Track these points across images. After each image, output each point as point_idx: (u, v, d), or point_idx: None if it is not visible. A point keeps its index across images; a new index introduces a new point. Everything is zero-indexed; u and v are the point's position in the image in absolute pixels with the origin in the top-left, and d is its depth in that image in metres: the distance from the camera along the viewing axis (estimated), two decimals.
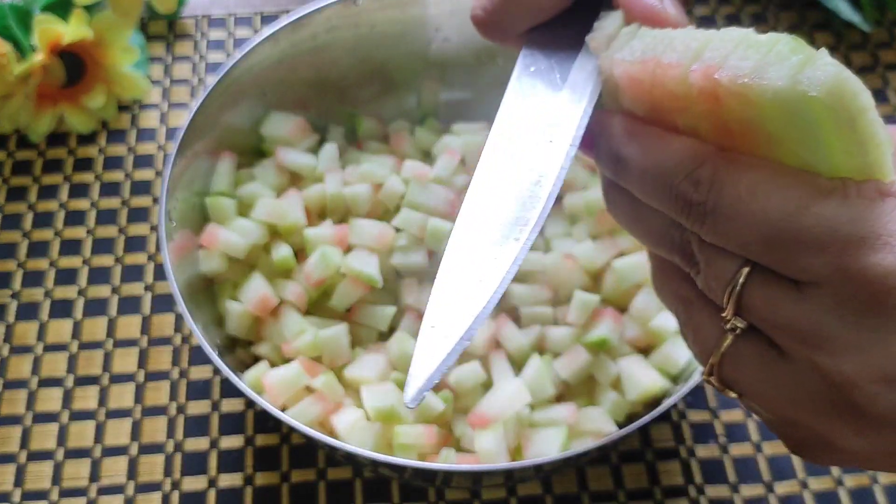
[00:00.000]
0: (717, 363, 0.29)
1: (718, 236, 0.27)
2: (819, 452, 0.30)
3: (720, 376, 0.29)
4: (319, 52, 0.63)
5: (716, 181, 0.27)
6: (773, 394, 0.28)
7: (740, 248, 0.27)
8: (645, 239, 0.32)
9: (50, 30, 0.65)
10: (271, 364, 0.55)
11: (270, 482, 0.57)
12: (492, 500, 0.56)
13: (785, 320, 0.27)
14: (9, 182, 0.70)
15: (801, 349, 0.27)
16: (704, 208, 0.27)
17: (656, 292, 0.34)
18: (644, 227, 0.31)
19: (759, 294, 0.27)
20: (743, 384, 0.29)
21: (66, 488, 0.56)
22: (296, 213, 0.58)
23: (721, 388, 0.30)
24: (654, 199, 0.30)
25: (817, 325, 0.26)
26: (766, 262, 0.27)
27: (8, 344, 0.62)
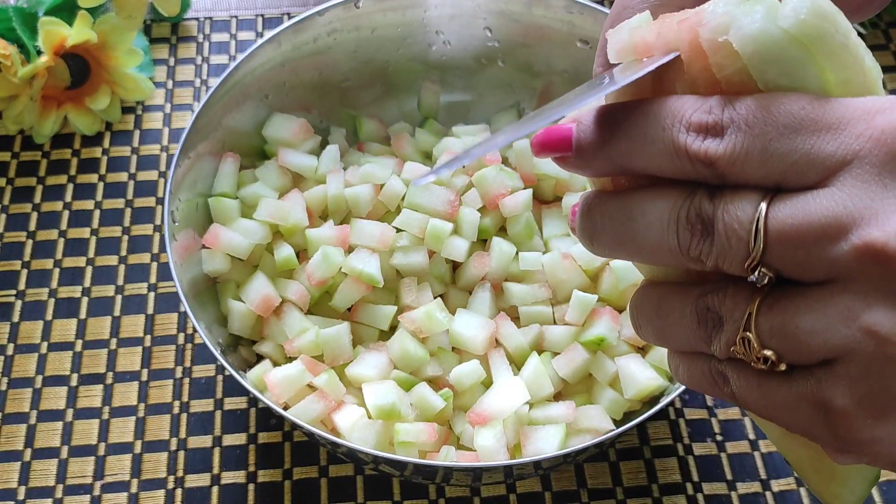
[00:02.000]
0: (754, 312, 0.27)
1: (740, 154, 0.26)
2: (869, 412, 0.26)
3: (758, 332, 0.27)
4: (321, 55, 0.64)
5: (728, 103, 0.27)
6: (814, 329, 0.26)
7: (765, 155, 0.26)
8: (645, 239, 0.29)
9: (54, 32, 0.66)
10: (274, 363, 0.55)
11: (273, 479, 0.57)
12: (491, 497, 0.57)
13: (818, 222, 0.26)
14: (14, 183, 0.70)
15: (839, 248, 0.25)
16: (721, 126, 0.27)
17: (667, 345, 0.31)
18: (643, 225, 0.29)
19: (786, 213, 0.26)
20: (782, 333, 0.27)
21: (70, 485, 0.57)
22: (298, 214, 0.58)
23: (758, 347, 0.27)
24: (663, 149, 0.28)
25: (855, 205, 0.25)
26: (791, 162, 0.26)
27: (13, 343, 0.62)
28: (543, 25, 0.64)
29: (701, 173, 0.28)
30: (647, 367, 0.53)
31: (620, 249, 0.31)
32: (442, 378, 0.55)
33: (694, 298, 0.29)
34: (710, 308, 0.29)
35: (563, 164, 0.31)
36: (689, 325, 0.29)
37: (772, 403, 0.28)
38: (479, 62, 0.68)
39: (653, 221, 0.29)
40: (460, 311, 0.56)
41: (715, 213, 0.27)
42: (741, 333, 0.28)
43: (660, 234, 0.29)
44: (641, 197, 0.29)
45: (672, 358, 0.32)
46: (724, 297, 0.28)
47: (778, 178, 0.27)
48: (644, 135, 0.28)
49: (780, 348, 0.27)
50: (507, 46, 0.66)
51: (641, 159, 0.29)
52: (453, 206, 0.58)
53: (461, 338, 0.55)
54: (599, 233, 0.31)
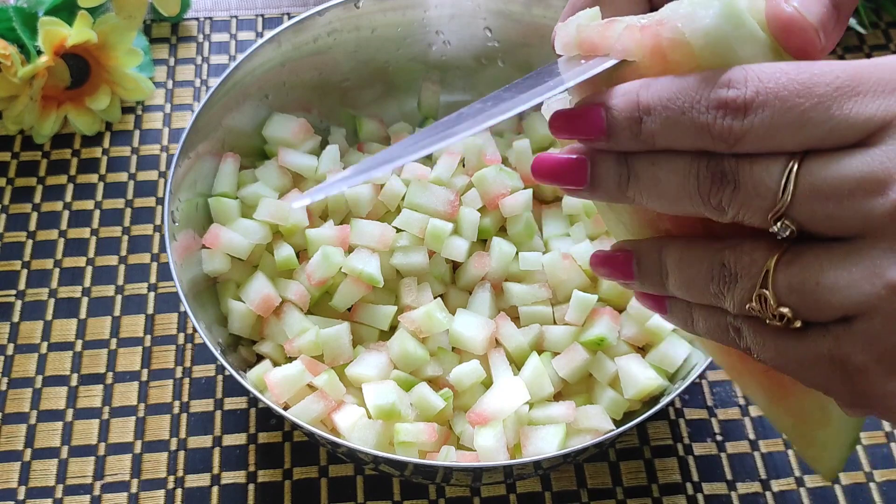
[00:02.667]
0: (772, 269, 0.27)
1: (769, 128, 0.26)
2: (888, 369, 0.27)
3: (775, 288, 0.28)
4: (321, 55, 0.64)
5: (750, 75, 0.27)
6: (836, 286, 0.26)
7: (797, 127, 0.26)
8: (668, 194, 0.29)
9: (54, 32, 0.66)
10: (274, 363, 0.55)
11: (273, 479, 0.57)
12: (491, 497, 0.57)
13: (854, 178, 0.26)
14: (14, 183, 0.70)
15: (874, 203, 0.26)
16: (744, 101, 0.27)
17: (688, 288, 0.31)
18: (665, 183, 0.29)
19: (820, 168, 0.26)
20: (801, 290, 0.27)
21: (70, 485, 0.57)
22: (298, 214, 0.58)
23: (775, 304, 0.28)
24: (684, 127, 0.28)
25: (893, 163, 0.25)
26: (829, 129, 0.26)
27: (13, 343, 0.63)
28: (543, 25, 0.64)
29: (728, 148, 0.27)
30: (646, 367, 0.53)
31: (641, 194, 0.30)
32: (442, 378, 0.55)
33: (711, 253, 0.30)
34: (726, 264, 0.29)
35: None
36: (706, 279, 0.30)
37: (788, 359, 0.29)
38: (479, 62, 0.68)
39: (675, 170, 0.29)
40: (460, 311, 0.56)
41: (739, 167, 0.27)
42: (758, 290, 0.28)
43: (680, 181, 0.29)
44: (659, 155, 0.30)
45: (693, 310, 0.32)
46: (741, 253, 0.29)
47: (815, 143, 0.27)
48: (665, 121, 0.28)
49: (797, 305, 0.27)
50: (507, 46, 0.66)
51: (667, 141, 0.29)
52: (453, 207, 0.58)
53: (461, 338, 0.55)
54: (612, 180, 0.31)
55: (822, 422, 0.34)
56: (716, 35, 0.27)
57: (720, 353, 0.36)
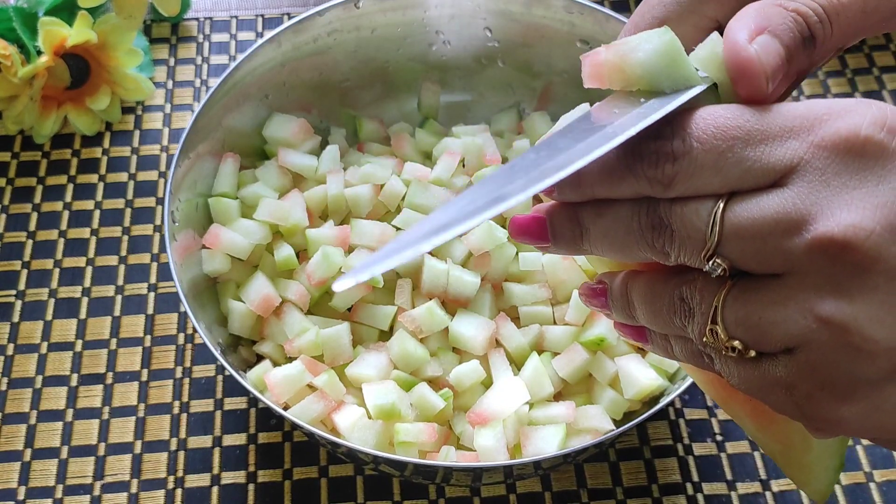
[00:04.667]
0: (719, 306, 0.29)
1: (696, 168, 0.28)
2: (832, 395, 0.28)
3: (724, 324, 0.29)
4: (321, 55, 0.64)
5: (679, 129, 0.29)
6: (775, 320, 0.28)
7: (716, 169, 0.28)
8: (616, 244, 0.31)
9: (54, 32, 0.66)
10: (274, 363, 0.56)
11: (273, 479, 0.57)
12: (491, 497, 0.57)
13: (771, 218, 0.27)
14: (14, 183, 0.70)
15: (792, 242, 0.27)
16: (682, 150, 0.29)
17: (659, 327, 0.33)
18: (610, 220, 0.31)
19: (741, 208, 0.28)
20: (746, 324, 0.29)
21: (70, 485, 0.57)
22: (298, 214, 0.58)
23: (725, 338, 0.29)
24: (622, 179, 0.30)
25: (804, 203, 0.27)
26: (744, 169, 0.28)
27: (13, 343, 0.63)
28: (543, 25, 0.64)
29: (660, 192, 0.29)
30: (646, 368, 0.53)
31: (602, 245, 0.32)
32: (442, 378, 0.55)
33: (671, 288, 0.31)
34: (684, 299, 0.31)
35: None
36: (669, 313, 0.31)
37: (751, 385, 0.30)
38: (479, 62, 0.68)
39: (617, 219, 0.31)
40: (460, 312, 0.56)
41: (672, 211, 0.29)
42: (709, 325, 0.30)
43: (626, 231, 0.31)
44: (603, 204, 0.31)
45: (668, 338, 0.34)
46: (694, 289, 0.30)
47: (734, 184, 0.28)
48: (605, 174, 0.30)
49: (745, 338, 0.29)
50: (507, 46, 0.66)
51: (604, 189, 0.31)
52: None
53: (461, 338, 0.55)
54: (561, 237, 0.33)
55: (805, 447, 0.36)
56: (648, 68, 0.30)
57: (707, 383, 0.38)
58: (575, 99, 0.49)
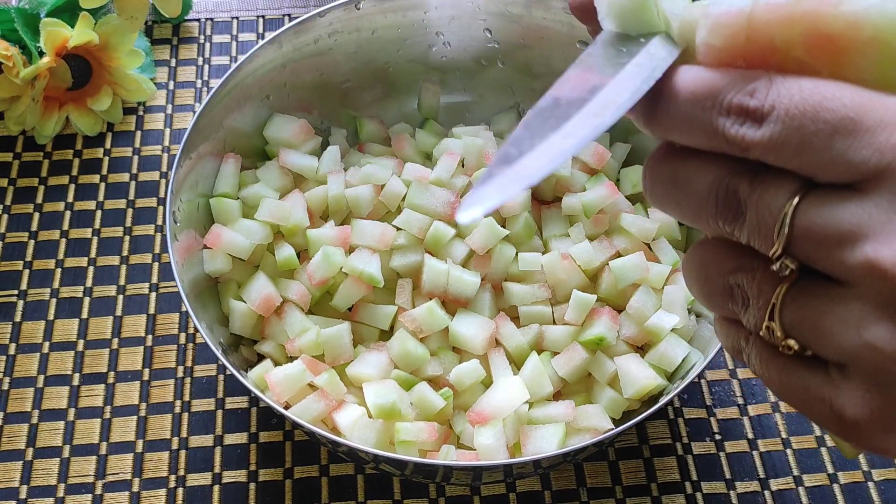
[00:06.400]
0: (778, 303, 0.27)
1: (776, 144, 0.26)
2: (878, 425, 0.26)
3: (781, 321, 0.27)
4: (322, 56, 0.64)
5: (773, 86, 0.26)
6: (830, 331, 0.26)
7: (800, 149, 0.26)
8: (687, 207, 0.30)
9: (56, 33, 0.66)
10: (275, 362, 0.56)
11: (274, 478, 0.57)
12: (491, 496, 0.57)
13: (846, 228, 0.25)
14: (16, 183, 0.71)
15: (855, 256, 0.25)
16: (762, 112, 0.26)
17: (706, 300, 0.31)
18: (686, 194, 0.29)
19: (814, 211, 0.26)
20: (802, 327, 0.27)
21: (72, 484, 0.57)
22: (299, 214, 0.59)
23: (782, 336, 0.28)
24: (701, 129, 0.28)
25: (881, 218, 0.25)
26: (827, 160, 0.26)
27: (15, 343, 0.63)
28: (543, 27, 0.64)
29: (740, 154, 0.27)
30: (645, 367, 0.53)
31: (670, 212, 0.31)
32: (442, 377, 0.55)
33: (727, 272, 0.29)
34: (740, 285, 0.29)
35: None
36: (723, 296, 0.30)
37: (789, 390, 0.28)
38: (479, 63, 0.68)
39: (694, 192, 0.29)
40: (460, 311, 0.56)
41: (750, 196, 0.27)
42: (766, 322, 0.28)
43: (699, 205, 0.29)
44: (688, 166, 0.29)
45: (715, 321, 0.32)
46: (753, 279, 0.28)
47: (812, 170, 0.26)
48: (684, 114, 0.28)
49: (802, 340, 0.27)
50: (507, 48, 0.66)
51: (683, 136, 0.29)
52: (453, 208, 0.58)
53: (461, 337, 0.55)
54: (652, 194, 0.31)
55: None
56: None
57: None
58: None
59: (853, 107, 0.26)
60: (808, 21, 0.26)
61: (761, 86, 0.26)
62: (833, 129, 0.25)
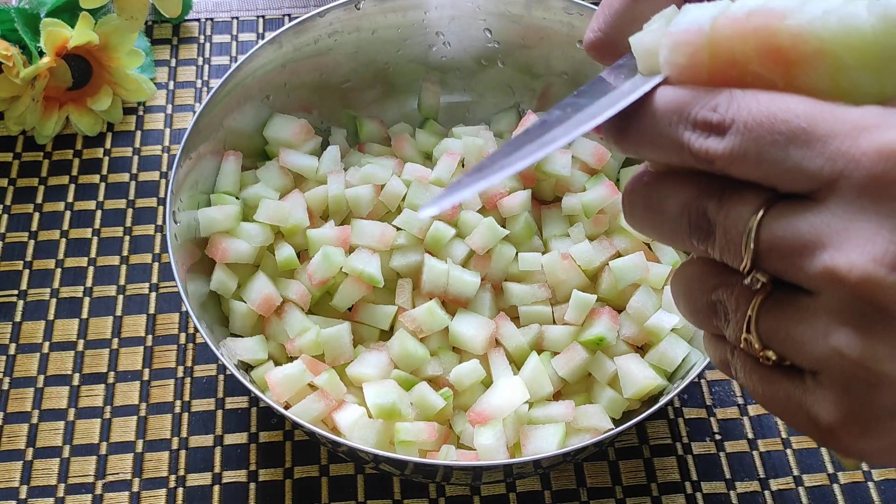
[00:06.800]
0: (753, 315, 0.28)
1: (737, 156, 0.27)
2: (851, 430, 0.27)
3: (758, 333, 0.28)
4: (322, 56, 0.64)
5: (734, 101, 0.27)
6: (800, 340, 0.27)
7: (759, 160, 0.27)
8: (663, 230, 0.31)
9: (56, 33, 0.66)
10: (275, 362, 0.56)
11: (274, 478, 0.57)
12: (491, 496, 0.57)
13: (806, 237, 0.26)
14: (16, 183, 0.71)
15: (816, 265, 0.26)
16: (724, 126, 0.27)
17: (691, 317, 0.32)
18: (660, 217, 0.31)
19: (777, 224, 0.27)
20: (776, 338, 0.28)
21: (72, 484, 0.57)
22: (299, 215, 0.59)
23: (759, 348, 0.28)
24: (669, 143, 0.29)
25: (837, 226, 0.26)
26: (784, 170, 0.26)
27: (15, 343, 0.63)
28: (543, 27, 0.64)
29: (705, 167, 0.28)
30: (645, 367, 0.53)
31: (648, 234, 0.32)
32: (442, 377, 0.55)
33: (708, 289, 0.30)
34: (720, 301, 0.30)
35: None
36: (707, 313, 0.31)
37: (772, 400, 0.29)
38: (479, 63, 0.68)
39: (667, 215, 0.30)
40: (460, 311, 0.56)
41: (717, 214, 0.28)
42: (744, 334, 0.29)
43: (673, 227, 0.30)
44: (661, 190, 0.31)
45: (704, 337, 0.33)
46: (731, 294, 0.29)
47: (774, 181, 0.27)
48: (651, 129, 0.29)
49: (779, 351, 0.28)
50: (507, 48, 0.66)
51: (652, 152, 0.30)
52: (453, 208, 0.58)
53: (461, 337, 0.55)
54: (631, 219, 0.32)
55: None
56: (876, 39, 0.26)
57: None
58: None
59: (805, 117, 0.27)
60: (760, 35, 0.27)
61: (722, 100, 0.28)
62: (787, 140, 0.27)
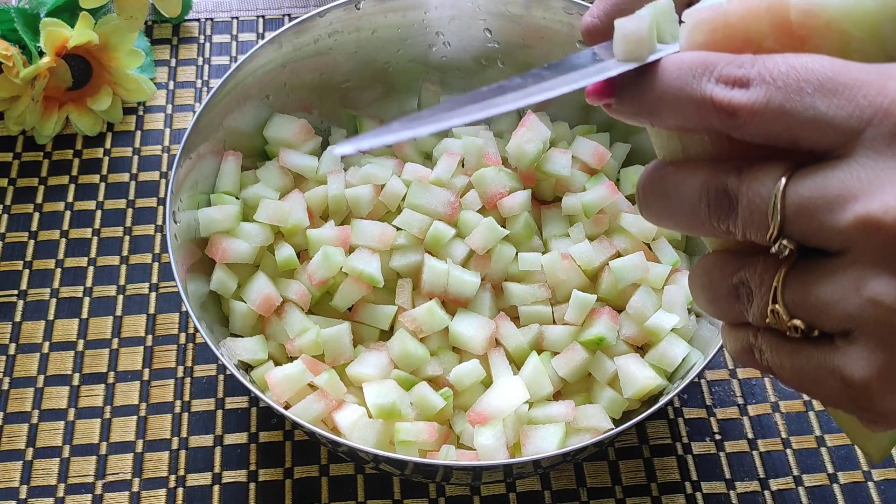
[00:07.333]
0: (779, 286, 0.28)
1: (761, 106, 0.27)
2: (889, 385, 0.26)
3: (784, 303, 0.28)
4: (322, 56, 0.64)
5: (759, 60, 0.28)
6: (830, 300, 0.27)
7: (783, 111, 0.27)
8: (681, 215, 0.31)
9: (56, 33, 0.66)
10: (275, 362, 0.56)
11: (274, 478, 0.57)
12: (491, 496, 0.57)
13: (834, 195, 0.26)
14: (16, 183, 0.71)
15: (844, 217, 0.26)
16: (748, 78, 0.27)
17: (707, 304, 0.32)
18: (678, 202, 0.31)
19: (803, 185, 0.27)
20: (804, 304, 0.28)
21: (72, 484, 0.57)
22: (298, 215, 0.59)
23: (787, 318, 0.28)
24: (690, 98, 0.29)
25: (867, 177, 0.26)
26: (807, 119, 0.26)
27: (15, 343, 0.63)
28: (543, 27, 0.64)
29: (725, 125, 0.28)
30: (645, 367, 0.53)
31: (666, 223, 0.32)
32: (442, 377, 0.55)
33: (730, 273, 0.30)
34: (743, 282, 0.30)
35: (609, 111, 0.32)
36: (729, 299, 0.31)
37: (802, 374, 0.29)
38: (479, 63, 0.68)
39: (685, 199, 0.30)
40: (460, 311, 0.56)
41: (739, 187, 0.28)
42: (770, 306, 0.29)
43: (692, 211, 0.30)
44: (676, 175, 0.31)
45: (722, 330, 0.33)
46: (755, 271, 0.29)
47: (796, 132, 0.27)
48: (674, 83, 0.29)
49: (807, 318, 0.28)
50: (507, 48, 0.66)
51: (671, 109, 0.30)
52: (453, 208, 0.58)
53: (461, 337, 0.55)
54: (647, 209, 0.32)
55: None
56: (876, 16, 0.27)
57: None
58: (574, 100, 0.50)
59: (832, 69, 0.27)
60: (773, 12, 0.28)
61: (747, 59, 0.28)
62: (814, 89, 0.27)
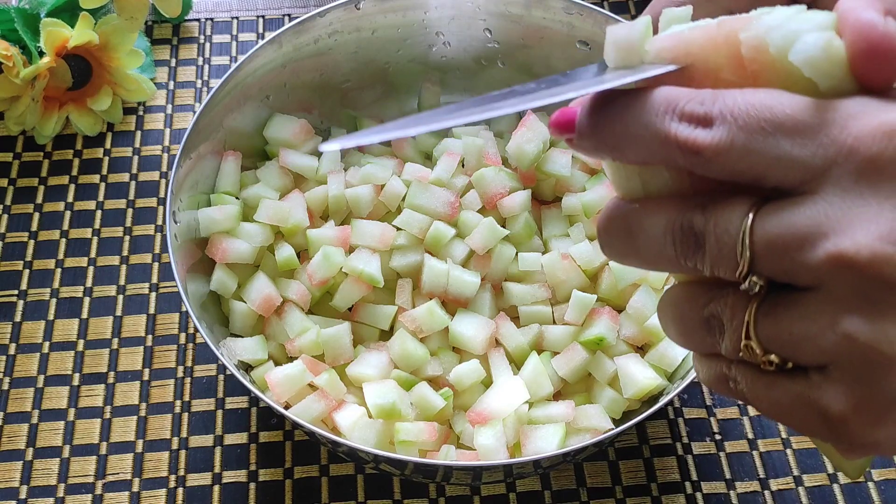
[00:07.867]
0: (751, 320, 0.28)
1: (725, 145, 0.27)
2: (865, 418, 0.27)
3: (758, 338, 0.28)
4: (322, 56, 0.64)
5: (719, 97, 0.28)
6: (805, 336, 0.27)
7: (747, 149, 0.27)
8: (647, 254, 0.31)
9: (56, 33, 0.66)
10: (275, 362, 0.56)
11: (274, 478, 0.58)
12: (491, 496, 0.57)
13: (803, 231, 0.26)
14: (16, 183, 0.71)
15: (817, 255, 0.26)
16: (711, 117, 0.27)
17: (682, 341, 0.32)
18: (643, 241, 0.30)
19: (771, 223, 0.27)
20: (778, 340, 0.27)
21: (72, 484, 0.57)
22: (299, 215, 0.59)
23: (761, 353, 0.28)
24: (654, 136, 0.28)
25: (835, 214, 0.26)
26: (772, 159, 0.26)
27: (15, 343, 0.63)
28: (543, 27, 0.64)
29: (690, 162, 0.28)
30: (645, 367, 0.53)
31: (631, 262, 0.32)
32: (442, 377, 0.55)
33: (700, 306, 0.30)
34: (714, 315, 0.29)
35: (570, 146, 0.32)
36: (700, 331, 0.30)
37: (778, 406, 0.29)
38: (479, 63, 0.68)
39: (650, 238, 0.30)
40: (460, 311, 0.57)
41: (706, 225, 0.28)
42: (743, 341, 0.28)
43: (658, 249, 0.30)
44: (639, 213, 0.30)
45: (694, 359, 0.33)
46: (725, 304, 0.29)
47: (762, 172, 0.27)
48: (637, 120, 0.29)
49: (781, 353, 0.28)
50: (507, 48, 0.66)
51: (634, 146, 0.29)
52: (453, 208, 0.58)
53: (461, 337, 0.55)
54: (610, 249, 0.32)
55: None
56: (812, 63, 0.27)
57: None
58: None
59: (790, 106, 0.27)
60: (728, 44, 0.28)
61: (708, 96, 0.28)
62: (775, 128, 0.27)
